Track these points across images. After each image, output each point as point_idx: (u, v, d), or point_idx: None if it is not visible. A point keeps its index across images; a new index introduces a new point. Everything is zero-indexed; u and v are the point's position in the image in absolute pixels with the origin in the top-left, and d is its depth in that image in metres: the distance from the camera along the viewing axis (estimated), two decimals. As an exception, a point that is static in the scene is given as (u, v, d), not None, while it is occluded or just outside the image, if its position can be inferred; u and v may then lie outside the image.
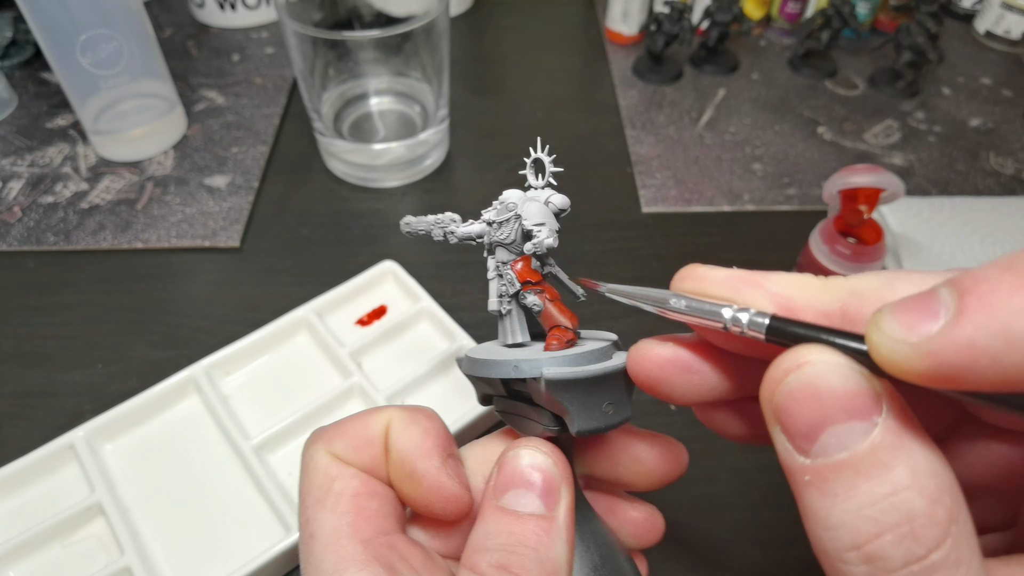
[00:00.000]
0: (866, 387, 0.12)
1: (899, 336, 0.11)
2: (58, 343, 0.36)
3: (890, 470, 0.11)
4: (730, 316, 0.14)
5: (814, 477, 0.12)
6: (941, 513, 0.11)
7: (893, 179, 0.33)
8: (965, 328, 0.10)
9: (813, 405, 0.12)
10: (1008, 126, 0.51)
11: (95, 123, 0.44)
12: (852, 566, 0.11)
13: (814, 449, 0.12)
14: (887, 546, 0.11)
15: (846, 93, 0.54)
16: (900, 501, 0.11)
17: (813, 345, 0.12)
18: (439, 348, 0.35)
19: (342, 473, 0.17)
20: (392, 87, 0.46)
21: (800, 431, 0.12)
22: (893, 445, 0.11)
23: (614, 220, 0.44)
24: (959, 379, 0.10)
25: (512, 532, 0.16)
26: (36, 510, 0.29)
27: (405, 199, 0.45)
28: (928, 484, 0.11)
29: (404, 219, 0.21)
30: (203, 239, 0.41)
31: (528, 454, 0.17)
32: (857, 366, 0.12)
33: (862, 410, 0.11)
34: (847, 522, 0.11)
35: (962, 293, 0.10)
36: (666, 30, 0.52)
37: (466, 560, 0.16)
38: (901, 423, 0.11)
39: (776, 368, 0.12)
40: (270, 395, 0.33)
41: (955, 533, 0.11)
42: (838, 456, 0.11)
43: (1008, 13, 0.57)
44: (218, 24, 0.58)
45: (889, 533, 0.11)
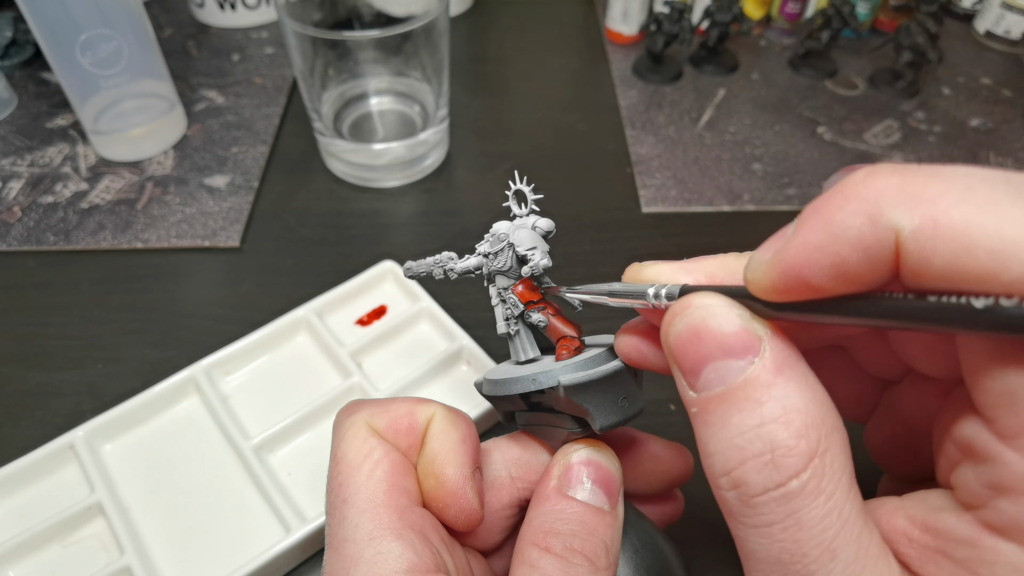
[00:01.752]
0: (744, 328, 0.13)
1: (759, 258, 0.13)
2: (58, 343, 0.36)
3: (760, 404, 0.12)
4: (652, 292, 0.15)
5: (699, 409, 0.13)
6: (803, 446, 0.12)
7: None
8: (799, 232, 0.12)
9: (696, 344, 0.13)
10: (1008, 126, 0.51)
11: (95, 123, 0.44)
12: (724, 491, 0.13)
13: (698, 384, 0.13)
14: (749, 472, 0.12)
15: (846, 93, 0.54)
16: (765, 432, 0.12)
17: (700, 293, 0.14)
18: (439, 348, 0.35)
19: (381, 445, 0.18)
20: (392, 87, 0.46)
21: (687, 367, 0.13)
22: (767, 383, 0.12)
23: (614, 220, 0.44)
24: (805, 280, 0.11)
25: (584, 521, 0.16)
26: (36, 510, 0.29)
27: (405, 199, 0.45)
28: (795, 419, 0.12)
29: (405, 265, 0.23)
30: (203, 239, 0.41)
31: (598, 452, 0.18)
32: (739, 309, 0.13)
33: (739, 349, 0.13)
34: (720, 450, 0.13)
35: (799, 220, 0.12)
36: (666, 30, 0.52)
37: (536, 540, 0.16)
38: (782, 362, 0.13)
39: (669, 312, 0.14)
40: (270, 395, 0.33)
41: (816, 466, 0.12)
42: (716, 390, 0.13)
43: (1008, 13, 0.57)
44: (218, 24, 0.58)
45: (752, 460, 0.12)
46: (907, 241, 0.11)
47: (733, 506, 0.13)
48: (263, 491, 0.29)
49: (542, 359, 0.20)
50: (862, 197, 0.11)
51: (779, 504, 0.12)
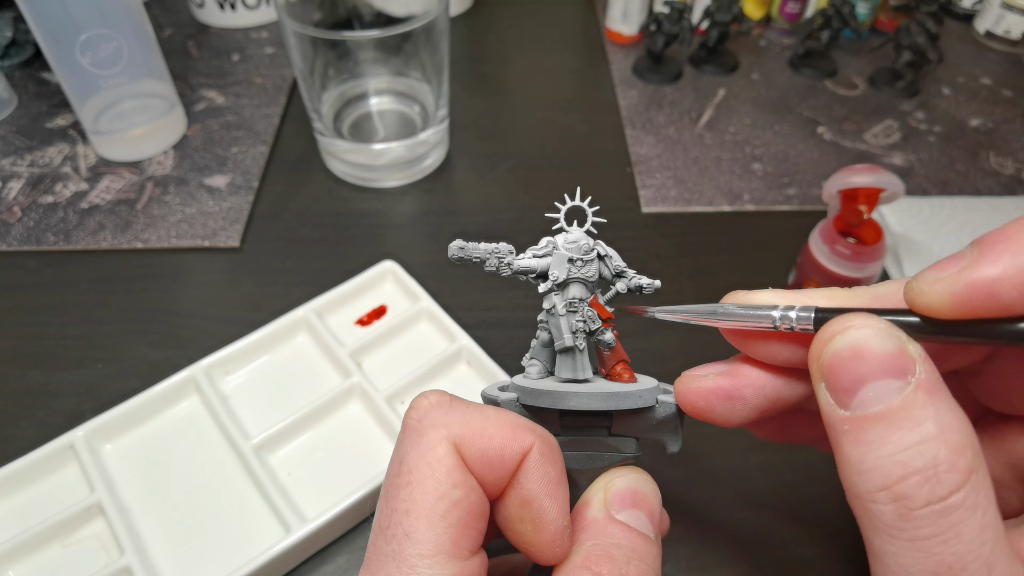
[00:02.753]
0: (903, 349, 0.13)
1: (935, 276, 0.13)
2: (58, 343, 0.36)
3: (919, 423, 0.13)
4: (779, 315, 0.15)
5: (852, 427, 0.13)
6: (962, 462, 0.12)
7: (893, 179, 0.33)
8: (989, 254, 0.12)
9: (856, 363, 0.13)
10: (1008, 126, 0.51)
11: (95, 123, 0.44)
12: (881, 504, 0.13)
13: (854, 403, 0.13)
14: (913, 487, 0.12)
15: (846, 93, 0.54)
16: (927, 449, 0.12)
17: (858, 313, 0.14)
18: (439, 348, 0.35)
19: (465, 483, 0.16)
20: (392, 87, 0.46)
21: (842, 386, 0.14)
22: (924, 402, 0.13)
23: (614, 220, 0.43)
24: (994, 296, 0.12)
25: (636, 549, 0.16)
26: (36, 510, 0.29)
27: (405, 199, 0.45)
28: (952, 437, 0.13)
29: (456, 243, 0.20)
30: (203, 239, 0.41)
31: (642, 479, 0.18)
32: (896, 331, 0.14)
33: (899, 369, 0.13)
34: (879, 466, 0.13)
35: (982, 243, 0.13)
36: (666, 30, 0.52)
37: (589, 562, 0.16)
38: (934, 382, 0.13)
39: (825, 331, 0.14)
40: (270, 395, 0.33)
41: (974, 482, 0.12)
42: (875, 408, 0.13)
43: (1008, 13, 0.57)
44: (218, 24, 0.58)
45: (915, 476, 0.12)
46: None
47: (890, 520, 0.13)
48: (263, 491, 0.29)
49: (594, 380, 0.19)
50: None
51: (940, 517, 0.12)
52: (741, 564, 0.29)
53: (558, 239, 0.21)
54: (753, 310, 0.16)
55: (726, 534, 0.30)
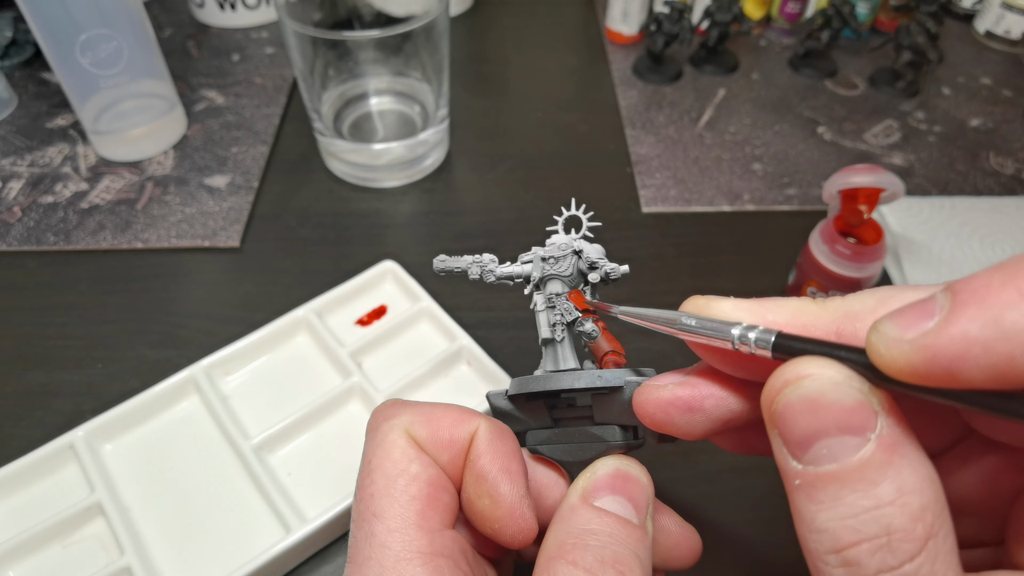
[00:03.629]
0: (863, 403, 0.12)
1: (896, 335, 0.11)
2: (58, 343, 0.36)
3: (876, 485, 0.12)
4: (738, 334, 0.14)
5: (804, 483, 0.12)
6: (920, 530, 0.11)
7: (893, 179, 0.33)
8: (959, 320, 0.10)
9: (808, 418, 0.12)
10: (1008, 126, 0.51)
11: (95, 123, 0.44)
12: (831, 567, 0.12)
13: (806, 457, 0.12)
14: (864, 554, 0.12)
15: (846, 93, 0.54)
16: (881, 515, 0.11)
17: (815, 358, 0.13)
18: (439, 348, 0.35)
19: (419, 457, 0.17)
20: (392, 87, 0.46)
21: (794, 439, 0.12)
22: (882, 462, 0.12)
23: (614, 220, 0.44)
24: (954, 373, 0.11)
25: (614, 534, 0.16)
26: (36, 510, 0.29)
27: (405, 199, 0.45)
28: (912, 501, 0.12)
29: (438, 258, 0.21)
30: (203, 239, 0.41)
31: (627, 464, 0.17)
32: (857, 381, 0.12)
33: (856, 426, 0.12)
34: (830, 528, 0.12)
35: (956, 293, 0.11)
36: (666, 30, 0.52)
37: (563, 554, 0.15)
38: (896, 439, 0.12)
39: (777, 378, 0.13)
40: (270, 395, 0.33)
41: (931, 548, 0.11)
42: (828, 467, 0.12)
43: (1008, 13, 0.57)
44: (218, 24, 0.58)
45: (867, 543, 0.12)
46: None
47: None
48: (263, 491, 0.29)
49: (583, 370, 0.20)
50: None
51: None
52: (740, 564, 0.29)
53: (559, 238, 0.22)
54: (712, 325, 0.15)
55: (725, 534, 0.30)
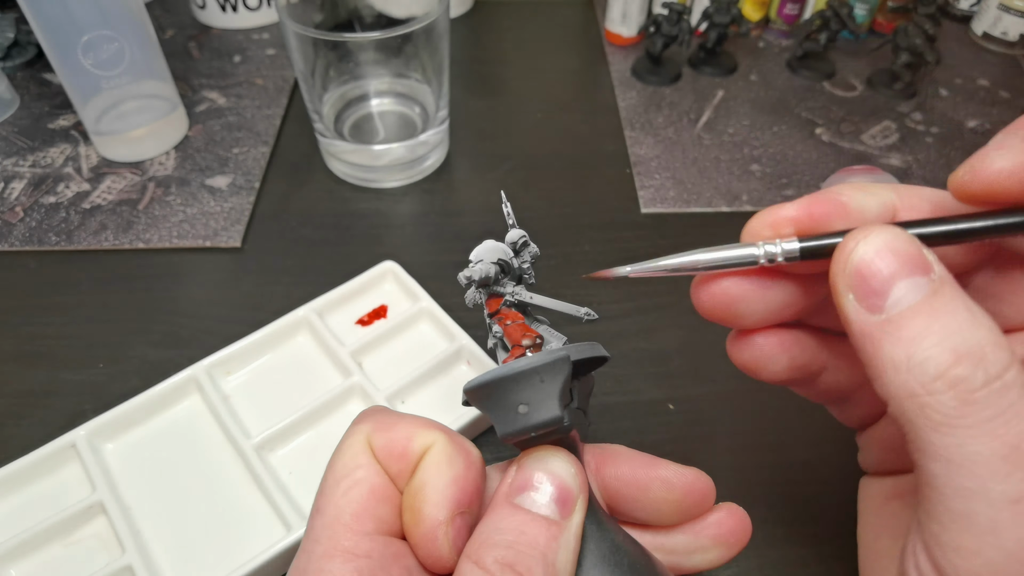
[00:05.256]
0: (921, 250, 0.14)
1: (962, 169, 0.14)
2: (60, 343, 0.36)
3: (956, 311, 0.13)
4: (762, 253, 0.15)
5: (892, 327, 0.14)
6: (1003, 341, 0.13)
7: (891, 180, 0.33)
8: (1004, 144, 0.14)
9: (883, 263, 0.14)
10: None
11: (97, 124, 0.44)
12: (939, 395, 0.13)
13: (888, 303, 0.14)
14: (968, 369, 0.13)
15: (844, 94, 0.54)
16: (969, 334, 0.13)
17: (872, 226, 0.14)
18: (439, 348, 0.35)
19: (369, 464, 0.17)
20: (392, 88, 0.46)
21: (874, 289, 0.14)
22: (952, 294, 0.13)
23: (613, 220, 0.44)
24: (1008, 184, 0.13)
25: (523, 531, 0.16)
26: (37, 509, 0.29)
27: (405, 199, 0.45)
28: (985, 321, 0.13)
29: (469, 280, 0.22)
30: (204, 239, 0.41)
31: (551, 460, 0.17)
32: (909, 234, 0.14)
33: (923, 266, 0.14)
34: (930, 356, 0.13)
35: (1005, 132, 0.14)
36: (665, 32, 0.52)
37: (471, 552, 0.16)
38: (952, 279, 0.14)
39: (847, 242, 0.14)
40: (271, 394, 0.33)
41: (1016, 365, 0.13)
42: (911, 302, 0.13)
43: (1005, 15, 0.57)
44: (219, 25, 0.58)
45: (967, 359, 0.13)
46: None
47: (950, 409, 0.13)
48: (264, 490, 0.29)
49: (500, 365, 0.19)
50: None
51: (1000, 396, 0.12)
52: (736, 562, 0.29)
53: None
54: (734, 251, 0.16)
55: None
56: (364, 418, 0.18)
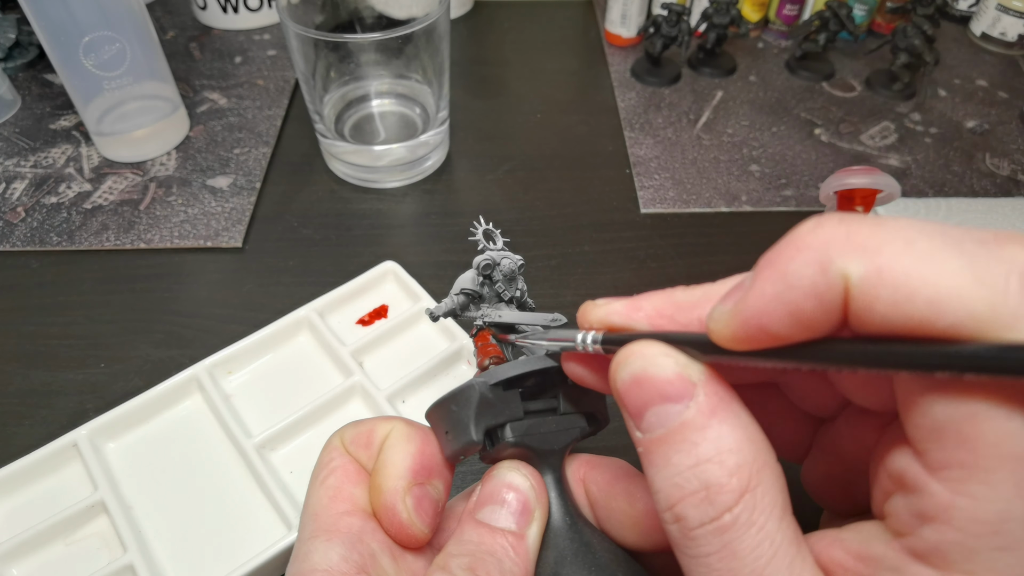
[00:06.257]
0: (680, 374, 0.14)
1: (717, 311, 0.13)
2: (61, 343, 0.36)
3: (696, 445, 0.13)
4: (579, 340, 0.16)
5: (644, 450, 0.14)
6: (735, 483, 0.13)
7: (889, 180, 0.33)
8: (756, 284, 0.12)
9: (637, 390, 0.14)
10: (1004, 128, 0.51)
11: (98, 124, 0.44)
12: (668, 524, 0.14)
13: (642, 426, 0.14)
14: (688, 508, 0.13)
15: (843, 95, 0.54)
16: (700, 472, 0.13)
17: (642, 341, 0.14)
18: (439, 348, 0.35)
19: (341, 456, 0.19)
20: (393, 89, 0.46)
21: (632, 411, 0.14)
22: (701, 425, 0.13)
23: (613, 221, 0.44)
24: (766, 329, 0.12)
25: (483, 543, 0.17)
26: (39, 508, 0.29)
27: (406, 200, 0.45)
28: (728, 459, 0.13)
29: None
30: (205, 239, 0.41)
31: (509, 475, 0.18)
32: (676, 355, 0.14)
33: (675, 394, 0.14)
34: (663, 487, 0.14)
35: (756, 272, 0.13)
36: (664, 32, 0.52)
37: (439, 560, 0.17)
38: (715, 404, 0.14)
39: (613, 363, 0.15)
40: (272, 394, 0.33)
41: (748, 501, 0.13)
42: (658, 432, 0.14)
43: (1004, 15, 0.57)
44: (220, 26, 0.58)
45: (690, 497, 0.13)
46: (854, 288, 0.11)
47: (676, 539, 0.14)
48: (265, 489, 0.29)
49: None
50: (812, 247, 0.12)
51: (715, 536, 0.13)
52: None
53: None
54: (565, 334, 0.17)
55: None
56: (341, 427, 0.20)
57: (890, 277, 0.11)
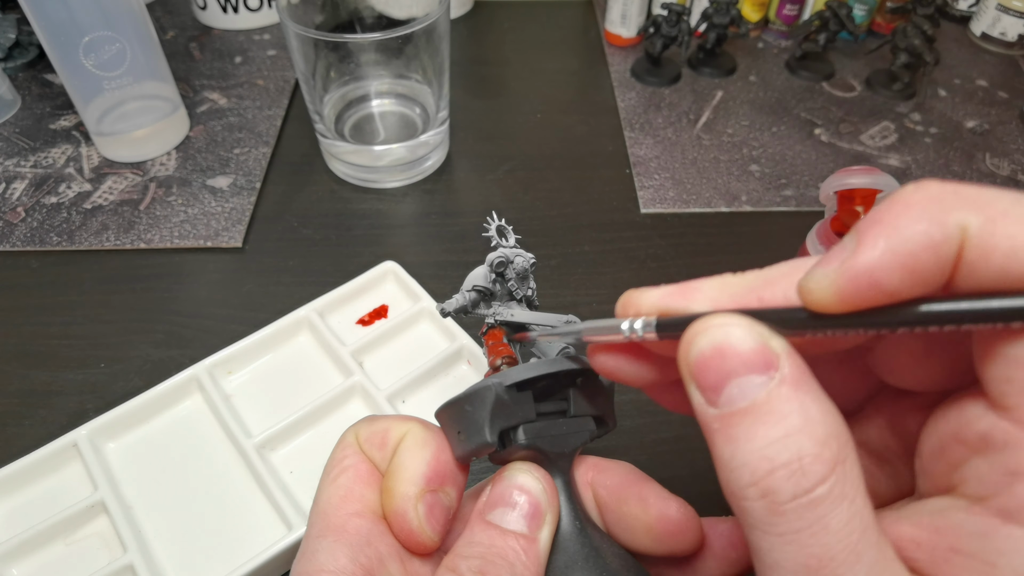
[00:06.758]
0: (765, 346, 0.13)
1: (817, 275, 0.13)
2: (61, 342, 0.36)
3: (785, 417, 0.13)
4: (627, 327, 0.16)
5: (721, 424, 0.13)
6: (827, 454, 0.12)
7: (890, 180, 0.33)
8: (866, 241, 0.12)
9: (719, 360, 0.13)
10: (1004, 127, 0.51)
11: (98, 124, 0.44)
12: (751, 501, 0.13)
13: (721, 400, 0.13)
14: (779, 480, 0.13)
15: (843, 95, 0.54)
16: (792, 443, 0.12)
17: (719, 313, 0.14)
18: (439, 348, 0.35)
19: (355, 454, 0.18)
20: (393, 89, 0.46)
21: (709, 384, 0.14)
22: (788, 396, 0.13)
23: (613, 221, 0.44)
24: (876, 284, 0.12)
25: (494, 545, 0.17)
26: (39, 508, 0.29)
27: (406, 200, 0.45)
28: (817, 430, 0.13)
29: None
30: (205, 239, 0.41)
31: (520, 476, 0.18)
32: (759, 327, 0.14)
33: (761, 365, 0.13)
34: (748, 461, 0.13)
35: (860, 232, 0.12)
36: (664, 32, 0.52)
37: (448, 562, 0.17)
38: (797, 377, 0.13)
39: (689, 332, 0.14)
40: (272, 394, 0.33)
41: (840, 472, 0.12)
42: (741, 404, 0.13)
43: (1004, 15, 0.57)
44: (220, 26, 0.58)
45: (781, 470, 0.12)
46: (972, 238, 0.11)
47: (760, 516, 0.13)
48: (265, 489, 0.29)
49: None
50: (924, 202, 0.12)
51: (808, 510, 0.12)
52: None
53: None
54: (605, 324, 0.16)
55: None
56: (357, 422, 0.20)
57: (1004, 228, 0.11)
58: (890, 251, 0.12)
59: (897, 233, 0.12)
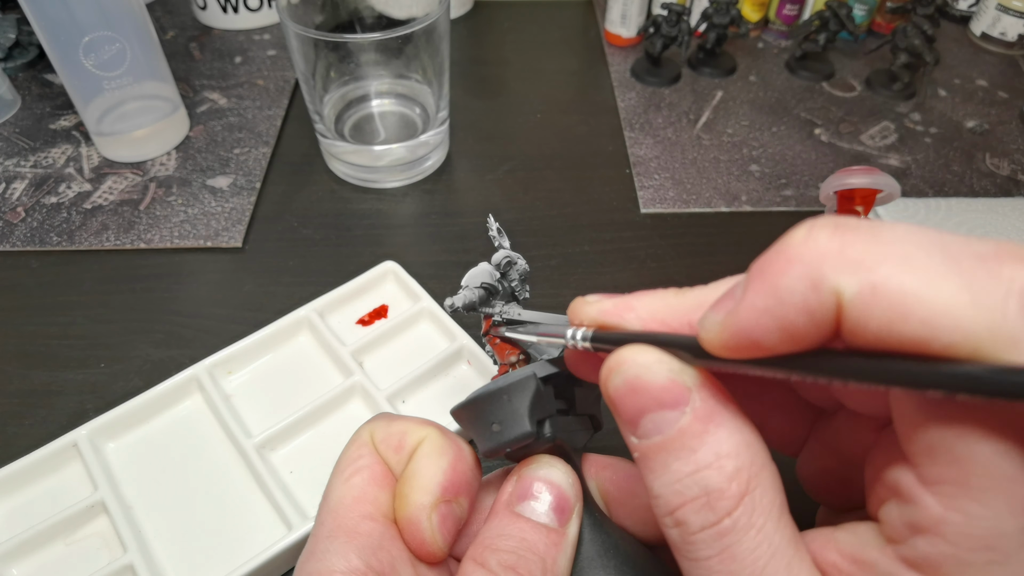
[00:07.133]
0: (674, 380, 0.14)
1: (711, 317, 0.13)
2: (61, 342, 0.36)
3: (694, 452, 0.13)
4: (570, 335, 0.16)
5: (640, 456, 0.14)
6: (734, 488, 0.13)
7: (889, 180, 0.33)
8: (748, 295, 0.12)
9: (632, 397, 0.14)
10: (1004, 127, 0.51)
11: (98, 124, 0.44)
12: (669, 528, 0.14)
13: (638, 432, 0.14)
14: (689, 513, 0.13)
15: (843, 95, 0.54)
16: (700, 478, 0.13)
17: (632, 346, 0.14)
18: (439, 348, 0.35)
19: (370, 455, 0.18)
20: (393, 89, 0.46)
21: (627, 418, 0.14)
22: (698, 431, 0.13)
23: (612, 220, 0.44)
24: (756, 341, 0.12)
25: (525, 538, 0.17)
26: (39, 508, 0.29)
27: (406, 200, 0.45)
28: (726, 464, 0.13)
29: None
30: (205, 239, 0.41)
31: (546, 470, 0.18)
32: (670, 362, 0.14)
33: (671, 401, 0.14)
34: (663, 493, 0.14)
35: (748, 281, 0.13)
36: (664, 33, 0.52)
37: (475, 555, 0.16)
38: (710, 410, 0.13)
39: (604, 367, 0.15)
40: (272, 394, 0.33)
41: (747, 504, 0.13)
42: (655, 439, 0.14)
43: (1004, 15, 0.57)
44: (220, 26, 0.58)
45: (690, 503, 0.13)
46: (847, 305, 0.11)
47: (676, 542, 0.14)
48: (265, 489, 0.29)
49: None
50: (804, 261, 0.12)
51: (715, 540, 0.13)
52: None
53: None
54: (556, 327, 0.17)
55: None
56: (372, 420, 0.19)
57: (885, 295, 0.11)
58: (767, 312, 0.12)
59: (775, 294, 0.12)
